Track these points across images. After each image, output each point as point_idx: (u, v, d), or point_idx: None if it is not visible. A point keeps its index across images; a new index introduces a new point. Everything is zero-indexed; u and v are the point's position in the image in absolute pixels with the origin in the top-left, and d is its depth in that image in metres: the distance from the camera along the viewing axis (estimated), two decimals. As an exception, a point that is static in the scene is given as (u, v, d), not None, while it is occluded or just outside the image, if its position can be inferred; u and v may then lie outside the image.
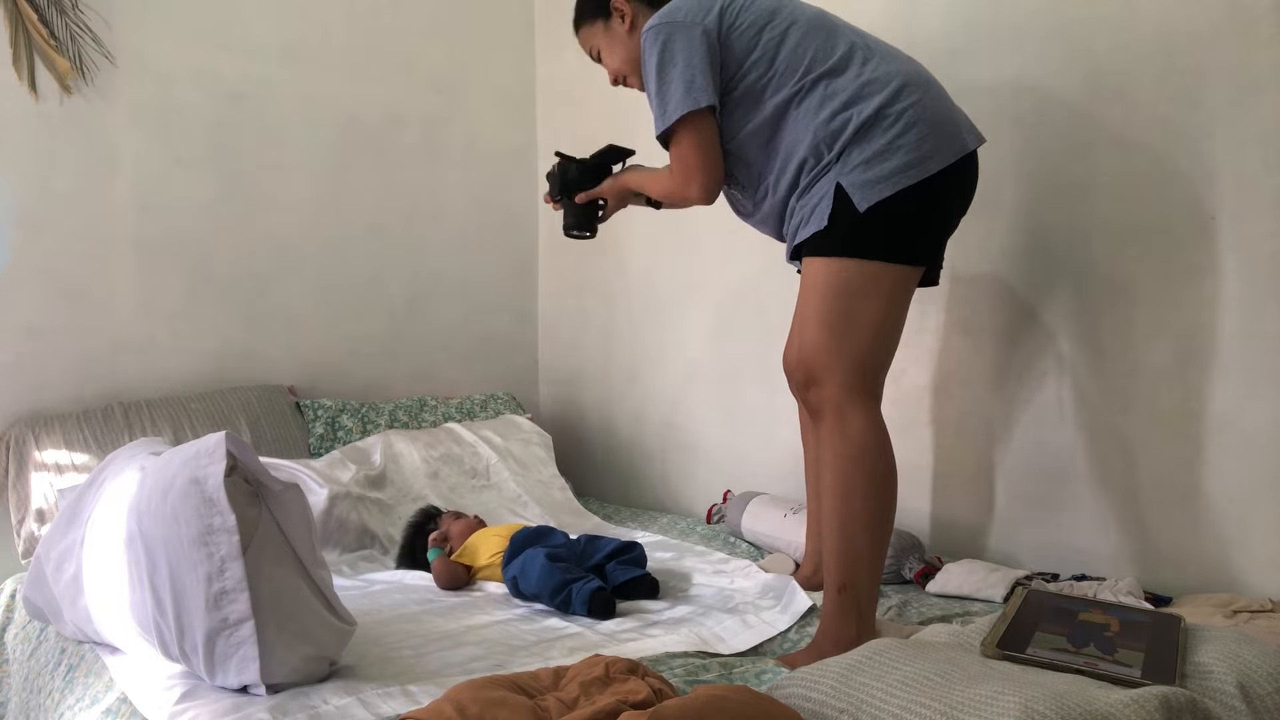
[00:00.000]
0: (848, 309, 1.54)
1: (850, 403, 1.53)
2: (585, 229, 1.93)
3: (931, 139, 1.52)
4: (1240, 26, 1.62)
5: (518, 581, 1.82)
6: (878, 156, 1.52)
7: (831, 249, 1.55)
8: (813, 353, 1.56)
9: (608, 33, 1.80)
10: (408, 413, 2.75)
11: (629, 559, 1.87)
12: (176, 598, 1.30)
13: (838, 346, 1.54)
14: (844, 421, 1.52)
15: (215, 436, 1.32)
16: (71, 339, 2.36)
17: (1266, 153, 1.61)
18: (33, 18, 2.26)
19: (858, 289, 1.54)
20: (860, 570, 1.49)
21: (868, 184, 1.51)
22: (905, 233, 1.54)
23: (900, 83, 1.55)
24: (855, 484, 1.50)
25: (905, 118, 1.52)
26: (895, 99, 1.53)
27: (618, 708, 1.03)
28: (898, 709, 1.01)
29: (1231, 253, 1.65)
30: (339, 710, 1.24)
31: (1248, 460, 1.65)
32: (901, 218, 1.52)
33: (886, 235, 1.53)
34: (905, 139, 1.51)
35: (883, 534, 1.53)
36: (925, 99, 1.55)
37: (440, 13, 2.99)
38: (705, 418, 2.67)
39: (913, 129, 1.52)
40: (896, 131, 1.52)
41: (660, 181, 1.74)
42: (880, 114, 1.53)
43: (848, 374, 1.53)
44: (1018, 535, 1.97)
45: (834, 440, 1.53)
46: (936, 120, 1.55)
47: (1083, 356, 1.85)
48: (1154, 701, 0.98)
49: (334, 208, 2.78)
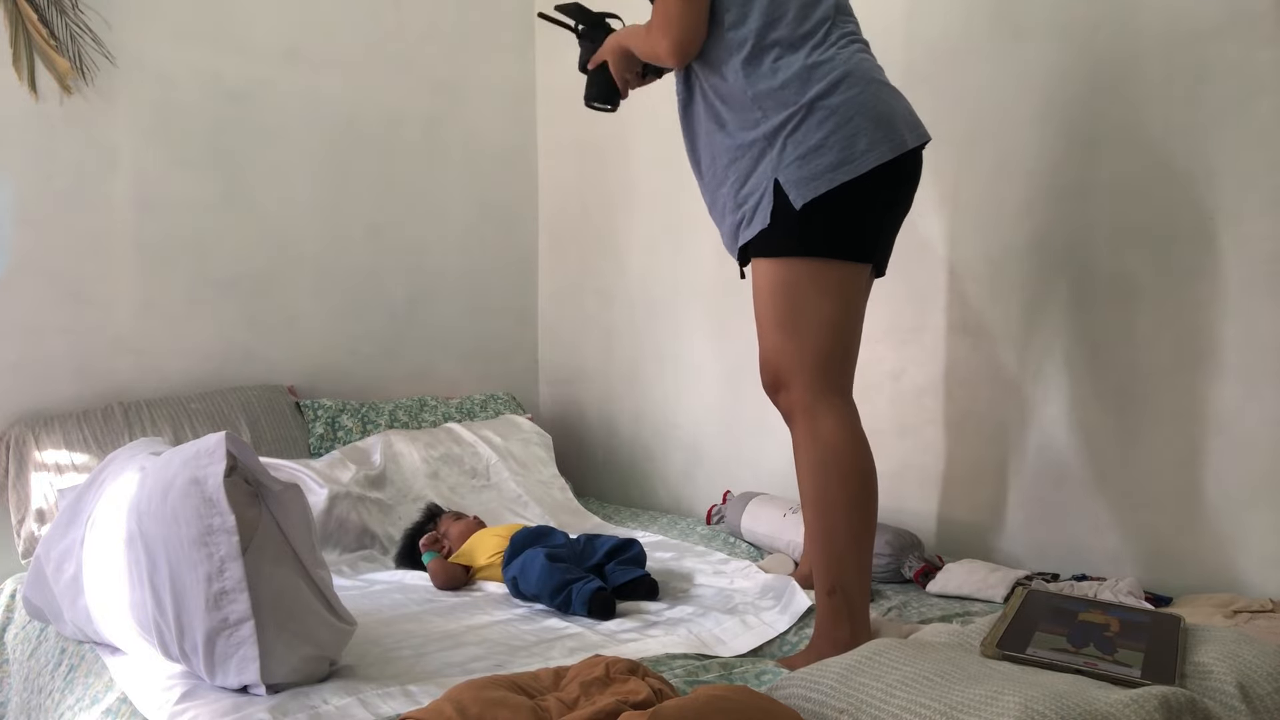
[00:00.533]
0: (798, 308, 1.52)
1: (819, 404, 1.51)
2: (606, 100, 1.80)
3: (866, 135, 1.48)
4: (1240, 26, 1.62)
5: (518, 582, 1.82)
6: (812, 151, 1.48)
7: (774, 249, 1.53)
8: (775, 356, 1.55)
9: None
10: (408, 413, 2.75)
11: (628, 558, 1.87)
12: (176, 598, 1.30)
13: (797, 347, 1.52)
14: (815, 424, 1.51)
15: (215, 436, 1.32)
16: (71, 339, 2.36)
17: (1266, 153, 1.61)
18: (33, 18, 2.26)
19: (806, 288, 1.52)
20: (848, 572, 1.48)
21: (803, 181, 1.48)
22: (842, 230, 1.51)
23: (841, 73, 1.50)
24: (833, 487, 1.49)
25: (840, 112, 1.48)
26: (832, 91, 1.49)
27: (618, 708, 1.03)
28: (898, 709, 1.01)
29: (1231, 253, 1.65)
30: (339, 710, 1.24)
31: (1248, 460, 1.65)
32: (838, 215, 1.50)
33: (825, 232, 1.50)
34: (839, 134, 1.47)
35: (866, 534, 1.52)
36: (864, 94, 1.50)
37: (440, 13, 2.99)
38: (705, 418, 2.67)
39: (848, 124, 1.48)
40: (831, 126, 1.48)
41: (639, 35, 1.64)
42: (814, 105, 1.48)
43: (812, 374, 1.52)
44: (1018, 535, 1.97)
45: (807, 445, 1.52)
46: (874, 115, 1.50)
47: (1082, 356, 1.85)
48: (1154, 701, 0.98)
49: (334, 208, 2.78)
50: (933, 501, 2.11)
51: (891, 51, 2.13)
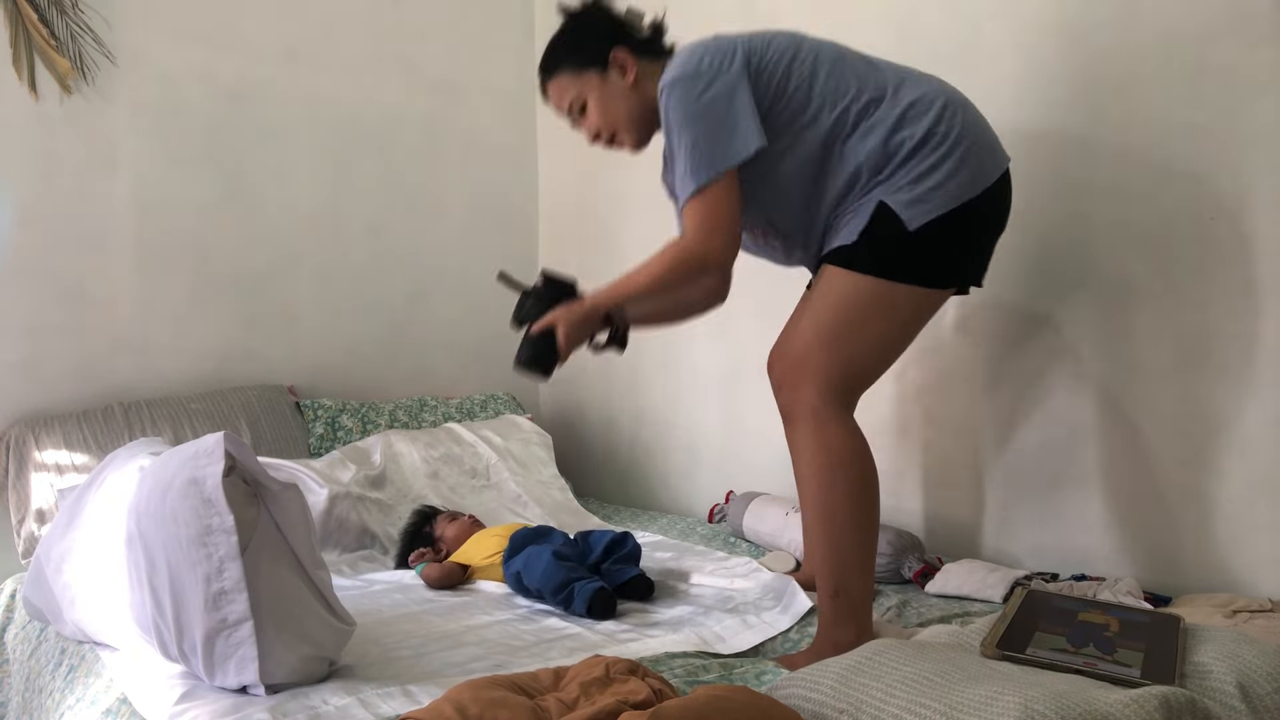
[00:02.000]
0: (852, 322, 1.51)
1: (827, 411, 1.51)
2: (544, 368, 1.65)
3: (976, 158, 1.50)
4: (1240, 26, 1.62)
5: (521, 576, 1.82)
6: (925, 176, 1.48)
7: (859, 264, 1.50)
8: (799, 356, 1.55)
9: (603, 85, 1.65)
10: (408, 413, 2.75)
11: (624, 556, 1.87)
12: (175, 598, 1.30)
13: (829, 359, 1.52)
14: (822, 430, 1.50)
15: (214, 436, 1.32)
16: (71, 339, 2.36)
17: (1266, 153, 1.61)
18: (33, 18, 2.26)
19: (871, 307, 1.51)
20: (851, 574, 1.49)
21: (915, 202, 1.47)
22: (947, 254, 1.51)
23: (944, 102, 1.51)
24: (839, 494, 1.50)
25: (952, 137, 1.49)
26: (941, 119, 1.50)
27: (618, 708, 1.03)
28: (898, 709, 1.01)
29: (1231, 253, 1.65)
30: (339, 710, 1.24)
31: (1248, 460, 1.65)
32: (946, 239, 1.49)
33: (927, 257, 1.50)
34: (952, 159, 1.48)
35: (870, 537, 1.53)
36: (967, 118, 1.52)
37: (440, 13, 2.99)
38: (705, 418, 2.67)
39: (958, 148, 1.48)
40: (944, 151, 1.48)
41: (653, 266, 1.55)
42: (929, 134, 1.49)
43: (831, 386, 1.51)
44: (1018, 535, 1.97)
45: (813, 450, 1.51)
46: (979, 139, 1.52)
47: (1082, 356, 1.85)
48: (1154, 701, 0.98)
49: (334, 207, 2.78)
50: (932, 501, 2.11)
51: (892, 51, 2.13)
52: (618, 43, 1.64)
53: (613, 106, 1.65)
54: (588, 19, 1.68)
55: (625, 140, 1.69)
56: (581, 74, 1.65)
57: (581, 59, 1.65)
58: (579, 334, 1.64)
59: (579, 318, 1.63)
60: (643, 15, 1.72)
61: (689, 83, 1.49)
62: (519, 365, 1.66)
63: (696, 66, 1.51)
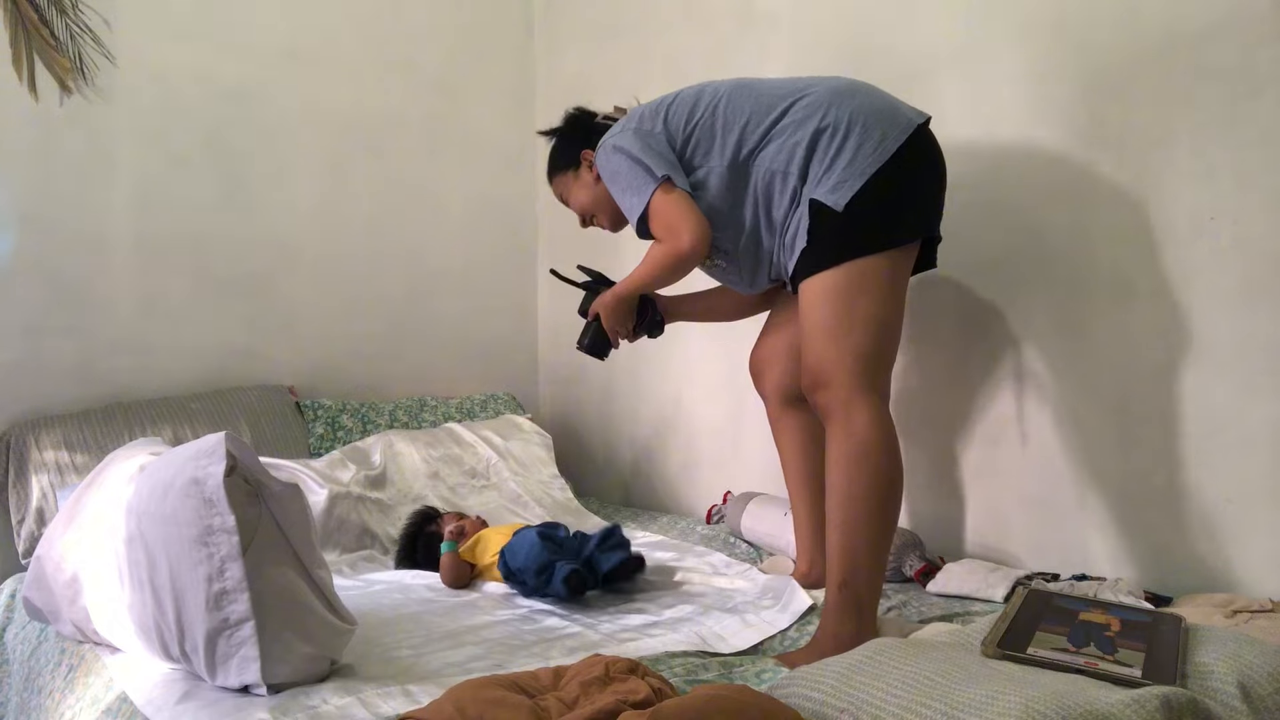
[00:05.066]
0: (845, 310, 1.58)
1: (855, 399, 1.55)
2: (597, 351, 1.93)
3: (878, 126, 1.61)
4: (1240, 26, 1.62)
5: (506, 557, 1.85)
6: (834, 163, 1.60)
7: (820, 262, 1.60)
8: (818, 361, 1.59)
9: (577, 179, 1.94)
10: (408, 413, 2.75)
11: (613, 543, 1.89)
12: (177, 598, 1.30)
13: (840, 349, 1.57)
14: (850, 419, 1.54)
15: (215, 437, 1.32)
16: (71, 339, 2.36)
17: (1266, 153, 1.61)
18: (33, 18, 2.26)
19: (854, 290, 1.58)
20: (861, 568, 1.50)
21: (838, 186, 1.59)
22: (885, 216, 1.60)
23: (831, 96, 1.65)
24: (860, 482, 1.51)
25: (844, 122, 1.61)
26: (831, 109, 1.63)
27: (618, 707, 1.03)
28: (898, 709, 1.01)
29: (1231, 253, 1.65)
30: (339, 710, 1.24)
31: (1248, 460, 1.65)
32: (878, 203, 1.59)
33: (869, 225, 1.59)
34: (851, 140, 1.60)
35: (886, 533, 1.54)
36: (859, 99, 1.64)
37: (440, 13, 2.99)
38: (705, 418, 2.67)
39: (854, 129, 1.60)
40: (843, 133, 1.60)
41: (646, 264, 1.76)
42: (822, 129, 1.62)
43: (851, 372, 1.56)
44: (1018, 535, 1.97)
45: (840, 439, 1.55)
46: (876, 110, 1.63)
47: (1082, 356, 1.85)
48: (1155, 701, 0.98)
49: (334, 207, 2.78)
50: (933, 501, 2.11)
51: (891, 51, 2.13)
52: (587, 144, 1.91)
53: (582, 195, 1.94)
54: (566, 129, 1.98)
55: (601, 221, 1.97)
56: (563, 175, 1.97)
57: (562, 163, 1.97)
58: (617, 319, 1.90)
59: (611, 307, 1.88)
60: (625, 110, 1.92)
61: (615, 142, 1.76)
62: (581, 348, 1.95)
63: (621, 129, 1.77)
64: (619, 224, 1.95)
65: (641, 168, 1.69)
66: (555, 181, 1.99)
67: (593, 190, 1.91)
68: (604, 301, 1.88)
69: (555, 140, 2.00)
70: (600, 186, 1.88)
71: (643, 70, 2.77)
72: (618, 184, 1.75)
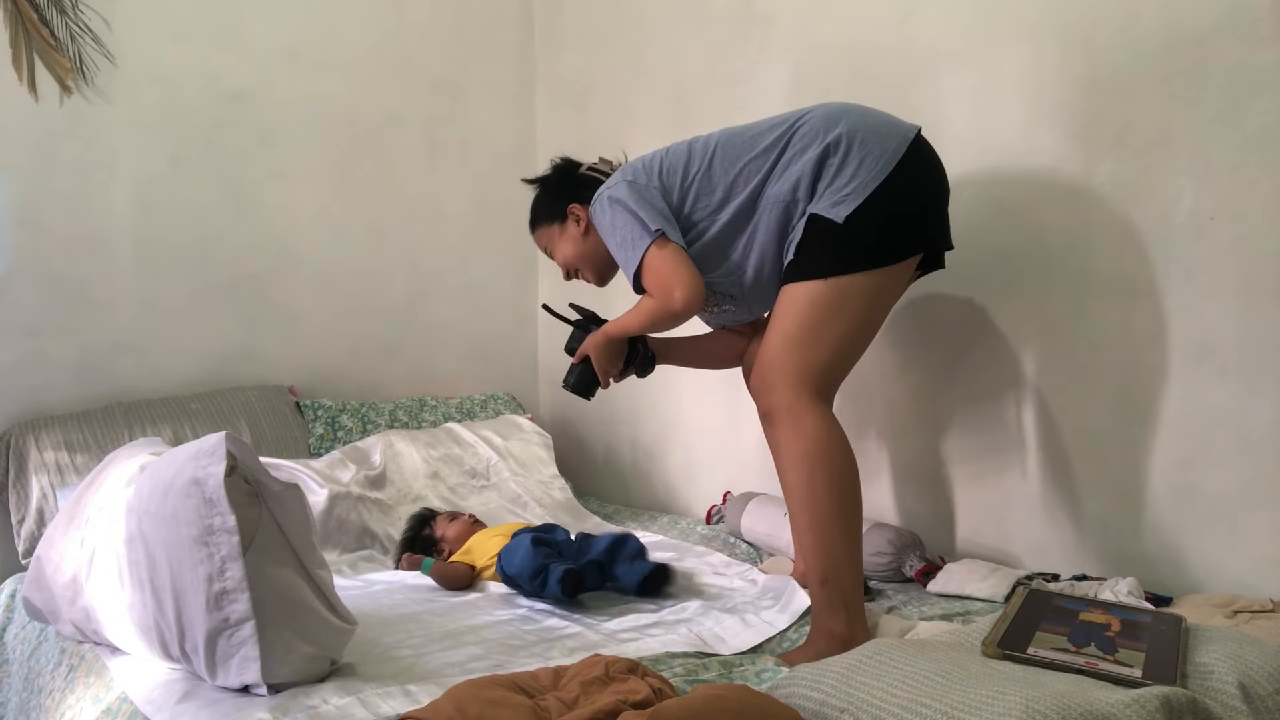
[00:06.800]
0: (814, 325, 1.61)
1: (801, 404, 1.59)
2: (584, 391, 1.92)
3: (877, 142, 1.62)
4: (1240, 26, 1.62)
5: (502, 561, 1.85)
6: (839, 175, 1.61)
7: (809, 272, 1.62)
8: (770, 362, 1.63)
9: (563, 233, 1.93)
10: (408, 413, 2.75)
11: (632, 554, 1.87)
12: (177, 598, 1.30)
13: (798, 360, 1.61)
14: (798, 422, 1.58)
15: (215, 436, 1.32)
16: (71, 339, 2.36)
17: (1266, 153, 1.61)
18: (33, 18, 2.26)
19: (830, 308, 1.61)
20: (839, 562, 1.53)
21: (839, 202, 1.60)
22: (884, 232, 1.61)
23: (826, 120, 1.66)
24: (819, 479, 1.55)
25: (845, 139, 1.63)
26: (829, 131, 1.64)
27: (618, 707, 1.03)
28: (898, 708, 1.01)
29: (1231, 253, 1.65)
30: (339, 710, 1.24)
31: (1248, 460, 1.65)
32: (880, 217, 1.60)
33: (868, 241, 1.60)
34: (854, 154, 1.61)
35: (854, 524, 1.57)
36: (854, 120, 1.65)
37: (440, 13, 2.99)
38: (705, 418, 2.67)
39: (857, 141, 1.62)
40: (844, 150, 1.62)
41: (638, 312, 1.76)
42: (826, 150, 1.63)
43: (803, 383, 1.60)
44: (1018, 535, 1.97)
45: (791, 440, 1.58)
46: (872, 126, 1.65)
47: (1082, 356, 1.85)
48: (1155, 701, 0.98)
49: (334, 208, 2.78)
50: (933, 501, 2.11)
51: (891, 52, 2.13)
52: (574, 198, 1.91)
53: (567, 249, 1.94)
54: (551, 181, 1.98)
55: (586, 275, 1.97)
56: (548, 228, 1.97)
57: (547, 215, 1.97)
58: (607, 360, 1.89)
59: (602, 347, 1.88)
60: (610, 163, 1.95)
61: (611, 195, 1.76)
62: (566, 387, 1.94)
63: (613, 184, 1.77)
64: (604, 278, 1.97)
65: (637, 221, 1.70)
66: (539, 233, 1.99)
67: (579, 245, 1.91)
68: (595, 342, 1.88)
69: (540, 191, 1.99)
70: (586, 241, 1.89)
71: (642, 71, 2.77)
72: (614, 238, 1.75)
